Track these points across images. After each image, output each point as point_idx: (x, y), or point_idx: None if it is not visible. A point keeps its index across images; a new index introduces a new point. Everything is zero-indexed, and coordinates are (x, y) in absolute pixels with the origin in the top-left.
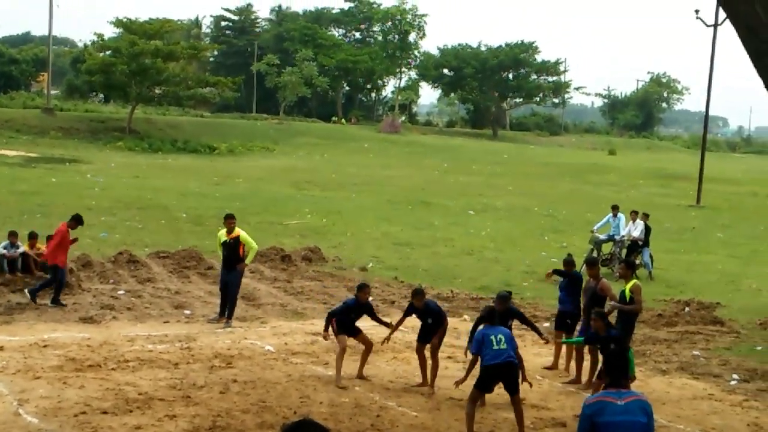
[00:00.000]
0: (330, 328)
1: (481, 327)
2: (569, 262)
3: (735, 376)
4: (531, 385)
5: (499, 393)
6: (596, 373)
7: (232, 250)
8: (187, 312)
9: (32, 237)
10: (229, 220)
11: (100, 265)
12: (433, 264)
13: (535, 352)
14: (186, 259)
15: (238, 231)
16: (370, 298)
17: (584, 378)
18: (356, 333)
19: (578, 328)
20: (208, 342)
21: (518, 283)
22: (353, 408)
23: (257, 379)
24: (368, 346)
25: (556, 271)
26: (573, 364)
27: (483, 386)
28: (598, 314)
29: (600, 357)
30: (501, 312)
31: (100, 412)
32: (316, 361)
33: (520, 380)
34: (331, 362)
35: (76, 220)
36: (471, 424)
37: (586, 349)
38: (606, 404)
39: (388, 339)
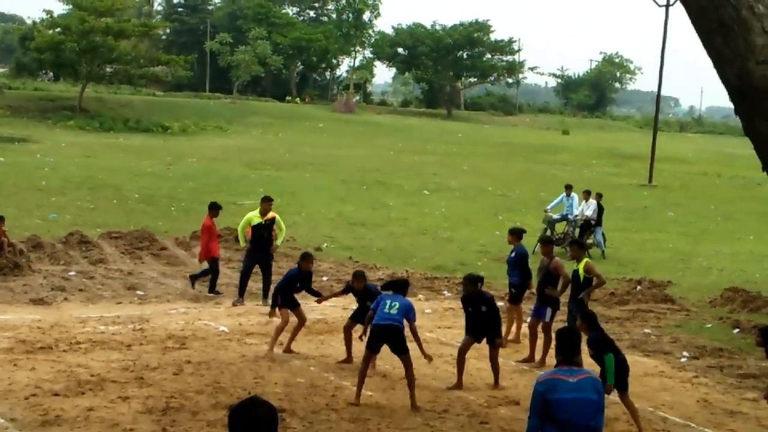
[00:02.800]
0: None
1: (384, 292)
2: (516, 232)
3: (685, 353)
4: (430, 360)
5: (453, 373)
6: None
7: (268, 231)
8: (140, 293)
9: None
10: (267, 202)
11: (50, 246)
12: (387, 244)
13: None
14: (138, 239)
15: (274, 213)
16: (324, 278)
17: (537, 356)
18: (295, 306)
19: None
20: (161, 323)
21: (473, 263)
22: (308, 388)
23: (211, 360)
24: (302, 321)
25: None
26: (527, 340)
27: (370, 346)
28: (584, 318)
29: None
30: (469, 295)
31: (51, 394)
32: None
33: (423, 352)
34: (285, 342)
35: (214, 208)
36: (360, 383)
37: (539, 327)
38: (558, 381)
39: (318, 301)
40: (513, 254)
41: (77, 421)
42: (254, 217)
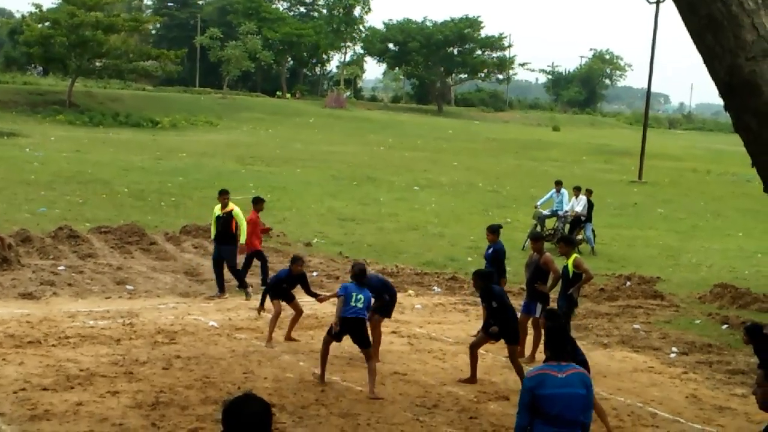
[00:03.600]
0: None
1: (349, 282)
2: (494, 229)
3: (674, 349)
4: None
5: (443, 368)
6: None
7: (226, 225)
8: (130, 288)
9: None
10: (223, 196)
11: (39, 240)
12: (378, 239)
13: (479, 327)
14: (128, 234)
15: (232, 206)
16: (314, 273)
17: (527, 352)
18: (290, 299)
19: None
20: (150, 318)
21: (463, 258)
22: (297, 383)
23: (201, 355)
24: (298, 312)
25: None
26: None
27: (334, 335)
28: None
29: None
30: (479, 289)
31: (40, 388)
32: (260, 337)
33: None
34: (277, 338)
35: (258, 202)
36: (323, 364)
37: (529, 322)
38: (546, 377)
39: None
40: (490, 250)
41: (66, 416)
42: (217, 209)
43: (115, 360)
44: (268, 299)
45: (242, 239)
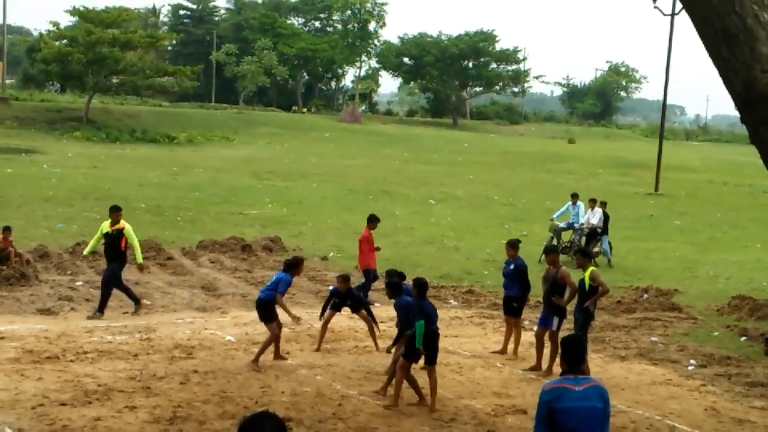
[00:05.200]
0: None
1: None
2: (514, 244)
3: (693, 361)
4: (297, 321)
5: (461, 382)
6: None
7: (114, 242)
8: (147, 302)
9: (6, 230)
10: (115, 213)
11: (57, 256)
12: (394, 253)
13: (495, 340)
14: (145, 249)
15: (124, 224)
16: (331, 287)
17: (544, 365)
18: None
19: (538, 315)
20: (168, 333)
21: (479, 272)
22: (315, 397)
23: (218, 370)
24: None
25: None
26: (533, 350)
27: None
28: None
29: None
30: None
31: (58, 404)
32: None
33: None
34: (293, 352)
35: (373, 221)
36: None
37: (546, 335)
38: (564, 390)
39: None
40: (512, 267)
41: (84, 431)
42: (105, 226)
43: (132, 375)
44: (285, 317)
45: (140, 258)
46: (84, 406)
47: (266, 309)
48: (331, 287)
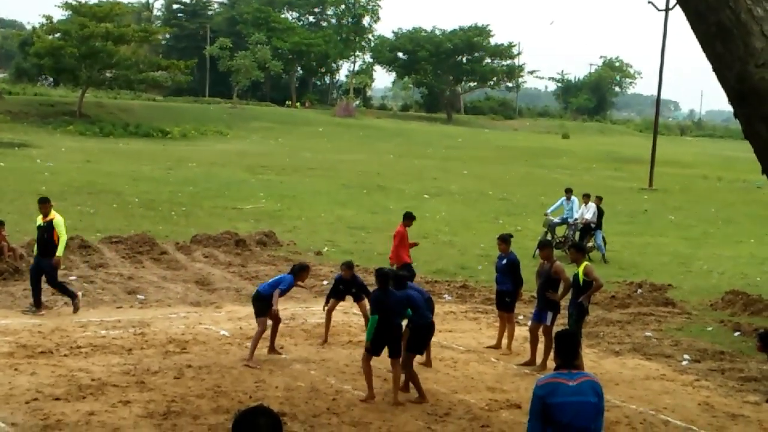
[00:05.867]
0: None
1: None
2: (506, 239)
3: (686, 356)
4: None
5: (455, 376)
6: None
7: (47, 235)
8: (141, 297)
9: None
10: (44, 204)
11: None
12: (388, 248)
13: (490, 335)
14: (139, 244)
15: (54, 214)
16: (325, 282)
17: (538, 360)
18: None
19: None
20: (162, 327)
21: (473, 266)
22: (309, 392)
23: (212, 364)
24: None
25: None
26: (527, 345)
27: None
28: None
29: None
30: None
31: (52, 398)
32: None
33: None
34: (287, 346)
35: (409, 218)
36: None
37: (540, 330)
38: (558, 385)
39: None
40: (504, 261)
41: (78, 426)
42: (39, 218)
43: (126, 369)
44: (283, 312)
45: (60, 252)
46: (78, 400)
47: (263, 302)
48: (335, 275)
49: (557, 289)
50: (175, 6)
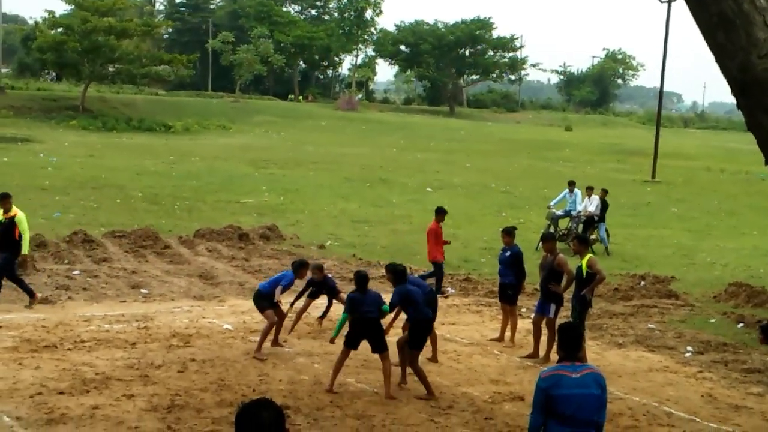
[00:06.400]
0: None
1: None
2: (510, 231)
3: (689, 348)
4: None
5: (458, 369)
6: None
7: (7, 231)
8: (144, 291)
9: None
10: (5, 200)
11: (54, 245)
12: (391, 241)
13: (493, 327)
14: (142, 238)
15: (16, 211)
16: (329, 275)
17: (542, 352)
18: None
19: (535, 302)
20: (165, 321)
21: (476, 259)
22: (312, 385)
23: (216, 358)
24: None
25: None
26: (529, 338)
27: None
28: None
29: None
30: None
31: (56, 392)
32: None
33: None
34: (291, 340)
35: (441, 213)
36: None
37: (543, 323)
38: (561, 377)
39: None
40: (508, 254)
41: (82, 420)
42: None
43: (130, 363)
44: (271, 310)
45: (25, 250)
46: (82, 394)
47: (264, 300)
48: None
49: (560, 282)
50: (177, 0)
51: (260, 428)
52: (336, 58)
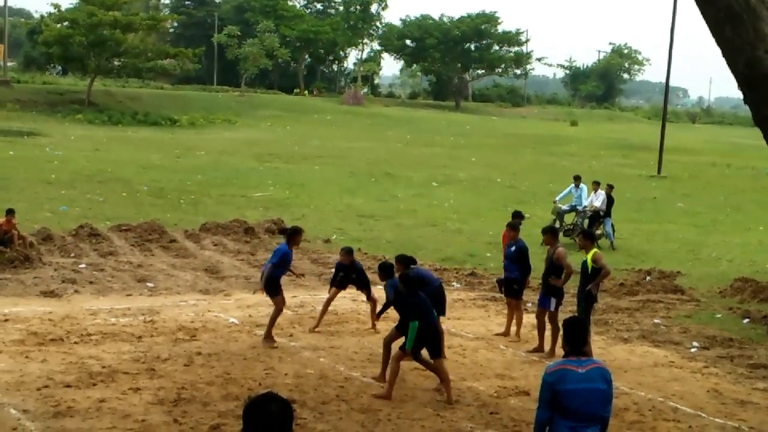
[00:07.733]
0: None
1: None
2: (515, 226)
3: (695, 343)
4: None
5: (464, 363)
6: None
7: None
8: (150, 285)
9: (9, 212)
10: None
11: (60, 238)
12: (396, 235)
13: (498, 322)
14: (148, 232)
15: None
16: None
17: (547, 346)
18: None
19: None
20: (171, 315)
21: (482, 254)
22: (318, 379)
23: (221, 352)
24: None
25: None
26: (534, 332)
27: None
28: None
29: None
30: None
31: (63, 385)
32: (280, 333)
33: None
34: (296, 334)
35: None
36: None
37: (547, 317)
38: (567, 372)
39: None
40: (513, 249)
41: (89, 413)
42: None
43: (136, 357)
44: (290, 300)
45: None
46: (88, 387)
47: (271, 284)
48: (335, 262)
49: (560, 275)
50: None
51: (270, 421)
52: (341, 53)
